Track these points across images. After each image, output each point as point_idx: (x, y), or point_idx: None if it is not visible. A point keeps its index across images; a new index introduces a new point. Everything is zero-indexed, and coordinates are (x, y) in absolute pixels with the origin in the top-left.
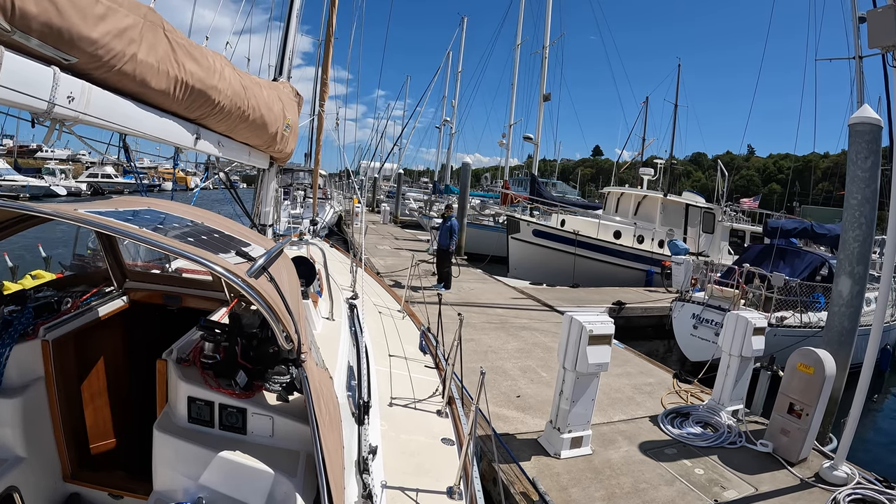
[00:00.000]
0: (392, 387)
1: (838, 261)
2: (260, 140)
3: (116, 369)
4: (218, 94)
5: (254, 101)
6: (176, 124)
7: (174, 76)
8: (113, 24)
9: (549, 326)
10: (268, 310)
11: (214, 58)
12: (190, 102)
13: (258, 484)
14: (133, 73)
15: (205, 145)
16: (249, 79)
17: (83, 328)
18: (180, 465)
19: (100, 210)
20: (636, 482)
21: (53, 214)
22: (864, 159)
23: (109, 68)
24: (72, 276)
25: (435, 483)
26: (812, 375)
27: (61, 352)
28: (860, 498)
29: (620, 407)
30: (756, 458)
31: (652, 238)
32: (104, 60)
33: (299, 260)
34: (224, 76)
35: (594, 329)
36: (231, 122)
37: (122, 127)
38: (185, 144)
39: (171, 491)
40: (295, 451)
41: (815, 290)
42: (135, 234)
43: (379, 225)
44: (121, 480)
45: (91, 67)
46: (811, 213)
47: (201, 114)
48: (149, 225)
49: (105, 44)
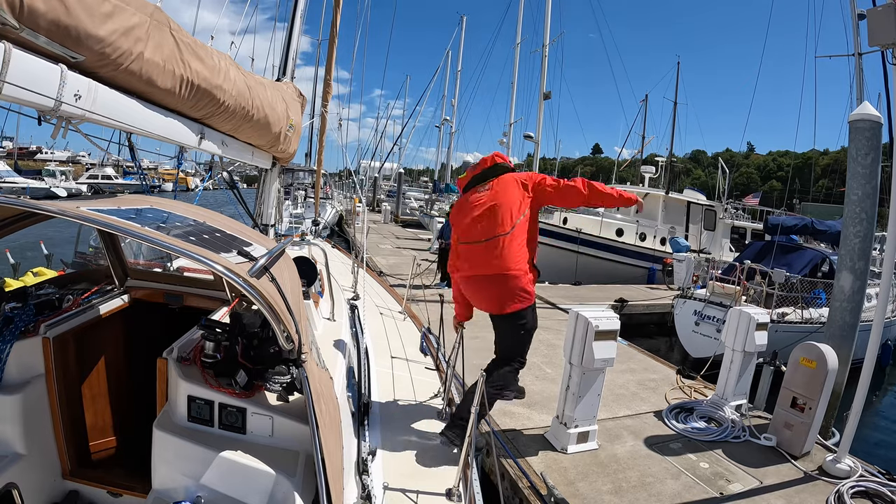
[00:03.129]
0: (393, 388)
1: (839, 256)
2: (263, 140)
3: (117, 367)
4: (223, 94)
5: (258, 100)
6: (180, 123)
7: (180, 75)
8: (120, 22)
9: (552, 324)
10: (269, 310)
11: (220, 57)
12: (195, 101)
13: (257, 484)
14: (139, 71)
15: (208, 145)
16: (254, 78)
17: (84, 326)
18: (179, 464)
19: (102, 208)
20: (642, 476)
21: (56, 212)
22: (865, 156)
23: (116, 66)
24: (73, 273)
25: (434, 485)
26: (815, 370)
27: (62, 349)
28: (863, 490)
29: (625, 402)
30: (760, 451)
31: (654, 236)
32: (111, 59)
33: (301, 260)
34: (229, 76)
35: (600, 325)
36: (235, 121)
37: (127, 125)
38: (189, 144)
39: (171, 490)
40: (294, 451)
41: (815, 287)
42: (137, 232)
43: (380, 224)
44: (120, 478)
45: (98, 66)
46: (811, 210)
47: (206, 113)
48: (151, 223)
49: (112, 42)
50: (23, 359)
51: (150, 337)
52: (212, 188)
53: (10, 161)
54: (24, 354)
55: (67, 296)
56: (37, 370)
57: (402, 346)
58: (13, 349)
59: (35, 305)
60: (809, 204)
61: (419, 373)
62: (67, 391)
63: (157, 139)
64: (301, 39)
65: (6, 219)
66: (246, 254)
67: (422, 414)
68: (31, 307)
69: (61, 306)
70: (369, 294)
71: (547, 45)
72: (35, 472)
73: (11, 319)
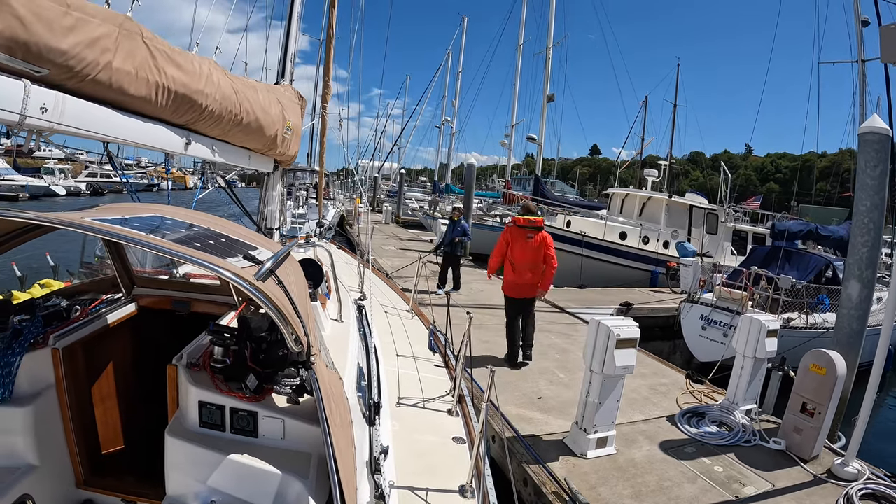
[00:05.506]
0: (402, 387)
1: (847, 265)
2: (258, 143)
3: (126, 375)
4: (205, 99)
5: (247, 104)
6: (163, 129)
7: (154, 82)
8: (84, 34)
9: (560, 328)
10: (276, 313)
11: (201, 62)
12: (175, 108)
13: (270, 486)
14: (109, 81)
15: (197, 149)
16: (242, 82)
17: (93, 335)
18: (192, 470)
19: (106, 217)
20: (660, 480)
21: (61, 223)
22: (874, 167)
23: (82, 78)
24: (80, 283)
25: (447, 482)
26: (824, 376)
27: (71, 359)
28: (871, 493)
29: (638, 407)
30: (770, 455)
31: (657, 239)
32: (76, 70)
33: (307, 262)
34: (212, 80)
35: (621, 333)
36: (223, 126)
37: (100, 135)
38: (173, 150)
39: (184, 495)
40: (306, 452)
41: (820, 292)
42: (142, 240)
43: (381, 224)
44: (133, 486)
45: (63, 78)
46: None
47: (189, 118)
48: (155, 231)
49: (76, 54)
50: (33, 370)
51: (158, 344)
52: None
53: (8, 159)
54: (34, 366)
55: (75, 306)
56: (47, 381)
57: (410, 345)
58: (23, 361)
59: (43, 317)
60: (808, 206)
61: (428, 371)
62: (78, 401)
63: (138, 146)
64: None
65: (11, 232)
66: (251, 258)
67: (432, 411)
68: (39, 319)
69: (69, 317)
70: (376, 294)
71: (551, 48)
72: (49, 483)
73: (20, 332)
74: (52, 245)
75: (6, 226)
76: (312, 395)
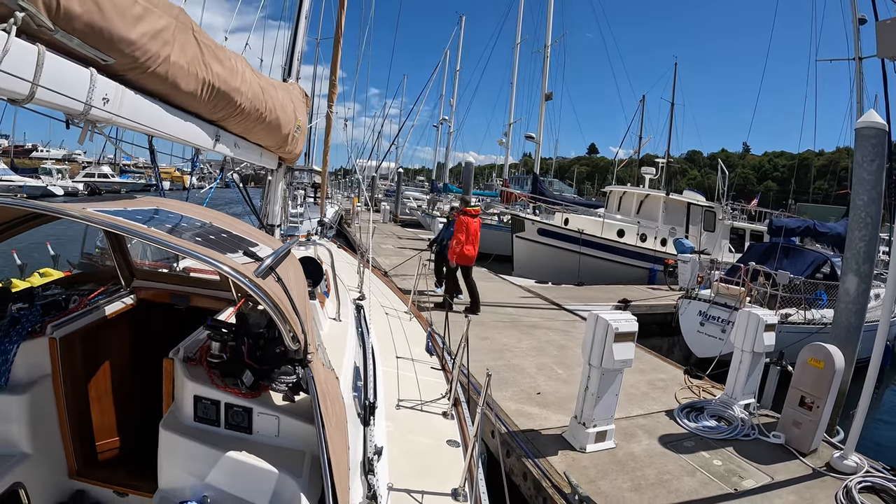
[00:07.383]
0: (398, 388)
1: (844, 259)
2: (273, 141)
3: (123, 367)
4: (240, 96)
5: (271, 102)
6: (198, 126)
7: (202, 78)
8: (149, 25)
9: (559, 325)
10: (275, 310)
11: (236, 59)
12: (214, 104)
13: (263, 483)
14: (165, 74)
15: (222, 147)
16: (266, 80)
17: (90, 326)
18: (186, 464)
19: (109, 209)
20: (660, 473)
21: (62, 213)
22: (871, 162)
23: (144, 69)
24: (80, 274)
25: (440, 485)
26: (823, 370)
27: (68, 349)
28: (870, 486)
29: (637, 402)
30: (769, 449)
31: (655, 237)
32: (140, 62)
33: (307, 260)
34: (245, 78)
35: (619, 327)
36: (248, 123)
37: (150, 129)
38: (205, 146)
39: (177, 489)
40: (300, 451)
41: (817, 288)
42: (143, 233)
43: (380, 224)
44: (126, 478)
45: (127, 68)
46: (806, 210)
47: (223, 115)
48: (157, 224)
49: (142, 45)
50: (30, 359)
51: (156, 337)
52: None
53: (6, 159)
54: (31, 355)
55: (74, 296)
56: (43, 370)
57: (408, 346)
58: (20, 349)
59: (42, 306)
60: (805, 205)
61: (425, 373)
62: (74, 391)
63: (177, 142)
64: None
65: (13, 220)
66: (252, 254)
67: (428, 413)
68: (37, 308)
69: (68, 307)
70: (375, 294)
71: (549, 46)
72: (42, 472)
73: (18, 320)
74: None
75: (7, 214)
76: (308, 393)
